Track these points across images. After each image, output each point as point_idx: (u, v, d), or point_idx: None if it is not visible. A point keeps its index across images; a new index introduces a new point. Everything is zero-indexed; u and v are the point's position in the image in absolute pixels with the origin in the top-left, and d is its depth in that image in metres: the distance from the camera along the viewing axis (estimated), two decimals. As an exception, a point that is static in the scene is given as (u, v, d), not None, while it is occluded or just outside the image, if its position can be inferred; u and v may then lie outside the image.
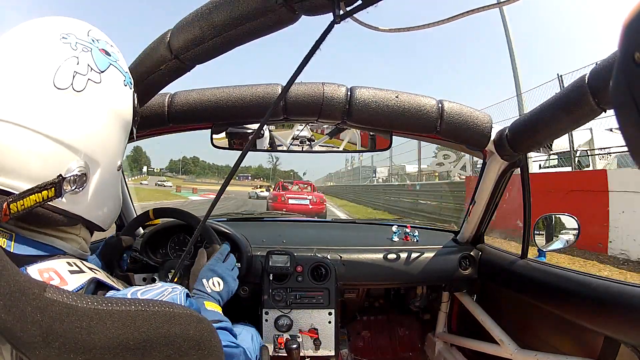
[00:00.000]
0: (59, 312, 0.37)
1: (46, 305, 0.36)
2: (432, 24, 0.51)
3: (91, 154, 0.52)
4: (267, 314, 1.38)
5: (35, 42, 0.49)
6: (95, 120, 0.52)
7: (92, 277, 0.50)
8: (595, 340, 0.98)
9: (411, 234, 1.61)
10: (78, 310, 0.38)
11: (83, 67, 0.50)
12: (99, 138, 0.53)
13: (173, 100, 1.09)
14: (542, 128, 0.97)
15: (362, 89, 1.07)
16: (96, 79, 0.52)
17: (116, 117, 0.55)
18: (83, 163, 0.50)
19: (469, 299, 1.56)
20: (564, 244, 1.30)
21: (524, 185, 1.24)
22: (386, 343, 1.94)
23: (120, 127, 0.57)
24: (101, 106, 0.52)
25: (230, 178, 0.67)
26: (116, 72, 0.56)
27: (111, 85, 0.54)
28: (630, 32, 0.23)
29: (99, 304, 0.39)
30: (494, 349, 1.33)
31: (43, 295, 0.36)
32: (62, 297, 0.38)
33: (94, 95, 0.51)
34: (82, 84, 0.50)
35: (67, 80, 0.48)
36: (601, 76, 0.77)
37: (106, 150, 0.54)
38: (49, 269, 0.47)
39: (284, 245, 1.51)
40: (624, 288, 0.88)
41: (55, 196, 0.48)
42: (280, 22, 0.56)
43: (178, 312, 0.45)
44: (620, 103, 0.25)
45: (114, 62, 0.56)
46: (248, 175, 75.93)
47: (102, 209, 0.59)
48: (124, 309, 0.41)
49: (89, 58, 0.51)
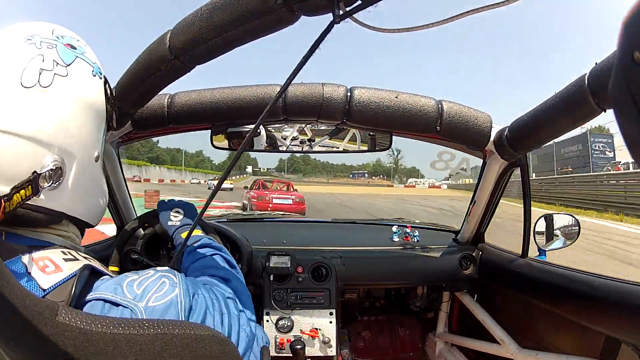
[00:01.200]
0: (74, 337, 0.35)
1: (60, 331, 0.34)
2: (432, 24, 0.51)
3: (64, 146, 0.52)
4: (268, 315, 1.38)
5: (2, 48, 0.50)
6: (64, 113, 0.52)
7: (85, 264, 0.50)
8: (596, 340, 0.98)
9: (411, 234, 1.61)
10: (93, 335, 0.36)
11: (48, 63, 0.51)
12: (71, 130, 0.53)
13: (173, 101, 1.09)
14: (542, 128, 0.97)
15: (361, 89, 1.07)
16: (62, 73, 0.52)
17: (87, 106, 0.56)
18: (57, 157, 0.50)
19: (469, 298, 1.56)
20: (563, 243, 1.30)
21: (524, 185, 1.24)
22: (387, 343, 1.94)
23: (93, 117, 0.57)
24: (69, 98, 0.53)
25: (225, 177, 0.66)
26: (83, 63, 0.56)
27: (78, 76, 0.55)
28: (630, 31, 0.23)
29: (115, 328, 0.38)
30: (494, 349, 1.33)
31: (55, 319, 0.35)
32: (76, 320, 0.36)
33: (61, 89, 0.52)
34: (49, 79, 0.50)
35: (33, 78, 0.49)
36: (601, 76, 0.77)
37: (80, 141, 0.55)
38: (43, 257, 0.47)
39: (284, 245, 1.51)
40: (625, 287, 0.88)
41: (33, 194, 0.47)
42: (280, 22, 0.56)
43: (201, 334, 0.44)
44: (619, 102, 0.25)
45: (80, 55, 0.56)
46: (364, 172, 73.30)
47: (85, 203, 0.58)
48: (142, 332, 0.39)
49: (54, 54, 0.52)
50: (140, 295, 0.47)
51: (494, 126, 1.14)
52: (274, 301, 1.38)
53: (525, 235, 1.28)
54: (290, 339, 1.34)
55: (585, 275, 1.02)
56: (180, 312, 0.49)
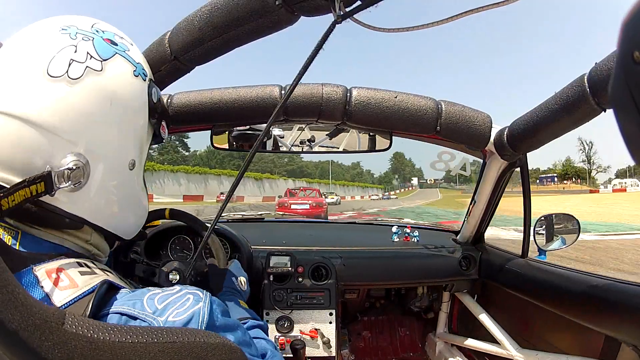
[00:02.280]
0: (81, 347, 0.33)
1: (67, 340, 0.33)
2: (432, 24, 0.51)
3: (90, 146, 0.47)
4: (268, 315, 1.38)
5: (35, 35, 0.48)
6: (94, 109, 0.48)
7: (104, 280, 0.46)
8: (596, 340, 0.98)
9: (411, 234, 1.61)
10: (101, 344, 0.34)
11: (81, 55, 0.47)
12: (100, 130, 0.48)
13: (172, 102, 1.09)
14: (542, 128, 0.97)
15: (361, 90, 1.07)
16: (96, 67, 0.48)
17: (123, 108, 0.51)
18: (80, 157, 0.46)
19: (469, 298, 1.56)
20: (563, 243, 1.30)
21: (524, 185, 1.24)
22: (387, 343, 1.93)
23: (130, 120, 0.53)
24: (102, 94, 0.48)
25: (238, 180, 0.63)
26: (123, 61, 0.52)
27: (116, 74, 0.50)
28: (630, 30, 0.23)
29: (122, 336, 0.36)
30: (495, 349, 1.33)
31: (62, 328, 0.33)
32: (84, 329, 0.34)
33: (93, 84, 0.48)
34: (79, 71, 0.47)
35: (62, 68, 0.46)
36: (601, 75, 0.77)
37: (110, 143, 0.50)
38: (57, 270, 0.44)
39: (284, 245, 1.51)
40: (625, 287, 0.88)
41: (46, 192, 0.44)
42: (280, 23, 0.57)
43: (210, 342, 0.42)
44: (619, 102, 0.25)
45: (120, 52, 0.52)
46: (553, 175, 61.53)
47: (113, 212, 0.53)
48: (151, 341, 0.37)
49: (89, 46, 0.49)
50: (161, 311, 0.44)
51: (494, 126, 1.14)
52: (273, 301, 1.37)
53: (525, 235, 1.28)
54: (290, 339, 1.34)
55: (585, 275, 1.02)
56: (199, 326, 0.45)
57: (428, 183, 63.23)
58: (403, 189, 67.58)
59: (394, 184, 74.14)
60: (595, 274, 1.00)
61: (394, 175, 78.34)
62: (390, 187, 69.57)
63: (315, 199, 13.05)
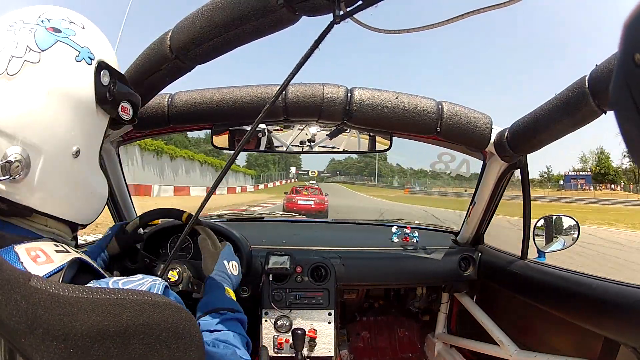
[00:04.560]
0: (43, 300, 0.37)
1: (31, 293, 0.37)
2: (432, 25, 0.51)
3: (28, 139, 0.49)
4: (267, 315, 1.38)
5: None
6: (31, 103, 0.49)
7: (75, 257, 0.50)
8: (595, 342, 0.98)
9: (411, 234, 1.61)
10: (61, 298, 0.39)
11: (20, 50, 0.49)
12: (37, 122, 0.49)
13: (173, 101, 1.09)
14: (542, 129, 0.97)
15: (362, 90, 1.07)
16: (33, 59, 0.49)
17: (61, 97, 0.51)
18: (19, 149, 0.48)
19: (468, 299, 1.56)
20: (563, 245, 1.30)
21: (524, 186, 1.24)
22: (386, 344, 1.94)
23: (70, 108, 0.52)
24: (38, 87, 0.49)
25: (222, 176, 0.65)
26: (64, 47, 0.52)
27: (53, 63, 0.50)
28: (631, 33, 0.23)
29: (80, 293, 0.40)
30: (493, 350, 1.33)
31: (28, 284, 0.38)
32: (46, 285, 0.39)
33: (29, 77, 0.49)
34: (17, 66, 0.48)
35: (2, 66, 0.48)
36: (602, 77, 0.77)
37: (49, 134, 0.51)
38: (35, 248, 0.48)
39: (283, 245, 1.51)
40: (624, 289, 0.88)
41: None
42: (281, 22, 0.57)
43: (157, 300, 0.46)
44: (620, 104, 0.25)
45: (62, 38, 0.52)
46: (587, 174, 42.58)
47: (60, 200, 0.55)
48: (105, 297, 0.41)
49: (29, 39, 0.49)
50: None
51: (494, 127, 1.14)
52: (272, 301, 1.37)
53: (524, 236, 1.28)
54: (288, 339, 1.34)
55: (584, 277, 1.02)
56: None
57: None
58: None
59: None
60: (594, 276, 1.00)
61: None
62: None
63: (318, 196, 14.53)
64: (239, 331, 0.75)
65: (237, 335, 0.73)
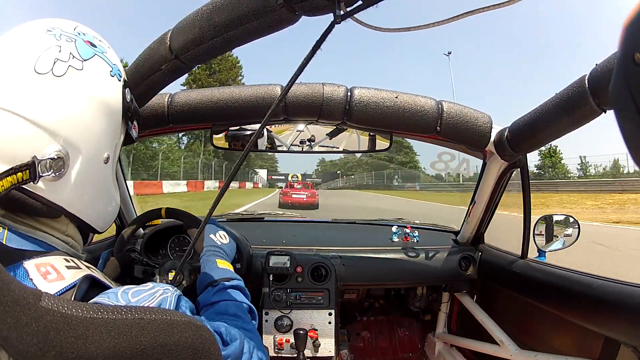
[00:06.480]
0: (55, 321, 0.36)
1: (41, 314, 0.35)
2: (432, 24, 0.51)
3: (70, 138, 0.51)
4: (267, 315, 1.38)
5: (23, 36, 0.52)
6: (74, 105, 0.52)
7: (87, 274, 0.49)
8: (595, 341, 0.98)
9: (411, 234, 1.61)
10: (73, 319, 0.37)
11: (64, 55, 0.52)
12: (79, 123, 0.52)
13: (173, 100, 1.09)
14: (542, 129, 0.97)
15: (361, 89, 1.07)
16: (78, 66, 0.52)
17: (99, 104, 0.55)
18: (60, 147, 0.50)
19: (469, 299, 1.57)
20: (563, 244, 1.30)
21: (524, 186, 1.24)
22: (386, 343, 1.94)
23: (105, 116, 0.56)
24: (82, 92, 0.53)
25: (232, 178, 0.66)
26: (101, 62, 0.56)
27: (94, 73, 0.55)
28: (631, 32, 0.23)
29: (95, 313, 0.39)
30: (494, 350, 1.33)
31: (38, 304, 0.36)
32: (58, 305, 0.37)
33: (74, 81, 0.52)
34: (63, 69, 0.51)
35: (47, 66, 0.50)
36: (601, 76, 0.77)
37: (87, 137, 0.54)
38: (45, 264, 0.47)
39: (284, 245, 1.51)
40: (624, 288, 0.88)
41: (30, 179, 0.47)
42: (281, 22, 0.56)
43: (176, 320, 0.44)
44: (620, 103, 0.25)
45: (99, 53, 0.57)
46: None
47: (88, 203, 0.57)
48: (120, 317, 0.40)
49: (71, 47, 0.53)
50: (133, 303, 0.47)
51: (494, 127, 1.14)
52: (273, 301, 1.37)
53: (525, 236, 1.28)
54: (289, 339, 1.34)
55: (584, 276, 1.02)
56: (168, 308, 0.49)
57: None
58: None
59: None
60: (595, 275, 1.00)
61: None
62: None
63: (309, 190, 16.25)
64: (239, 298, 0.75)
65: (236, 303, 0.73)
